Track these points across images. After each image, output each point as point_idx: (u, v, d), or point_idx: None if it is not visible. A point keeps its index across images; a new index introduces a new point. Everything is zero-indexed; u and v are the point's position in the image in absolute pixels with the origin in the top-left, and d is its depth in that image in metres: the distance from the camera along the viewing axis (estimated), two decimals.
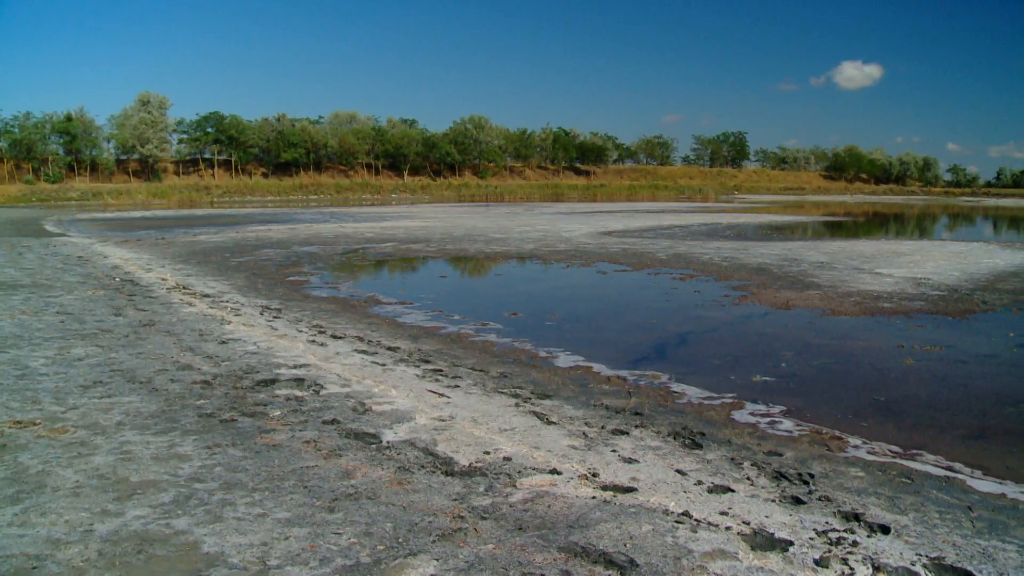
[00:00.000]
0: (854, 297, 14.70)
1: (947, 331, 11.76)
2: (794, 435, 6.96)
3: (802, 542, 4.62)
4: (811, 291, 15.42)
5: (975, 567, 4.40)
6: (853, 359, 9.96)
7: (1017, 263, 21.57)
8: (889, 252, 24.10)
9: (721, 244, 26.24)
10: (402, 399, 7.60)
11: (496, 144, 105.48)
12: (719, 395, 8.22)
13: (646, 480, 5.60)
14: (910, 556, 4.50)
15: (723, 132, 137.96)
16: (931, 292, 15.52)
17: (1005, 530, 4.98)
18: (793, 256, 22.32)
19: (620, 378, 8.90)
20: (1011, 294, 15.55)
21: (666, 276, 17.83)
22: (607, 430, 6.84)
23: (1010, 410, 7.91)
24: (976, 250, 25.47)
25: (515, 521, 4.77)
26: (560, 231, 31.16)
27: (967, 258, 22.65)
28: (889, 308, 13.56)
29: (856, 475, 5.95)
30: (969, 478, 5.99)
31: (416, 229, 31.67)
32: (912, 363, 9.72)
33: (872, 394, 8.40)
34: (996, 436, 7.14)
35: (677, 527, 4.75)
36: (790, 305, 13.81)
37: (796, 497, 5.38)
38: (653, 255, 22.34)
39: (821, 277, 17.62)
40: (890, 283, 16.72)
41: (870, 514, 5.13)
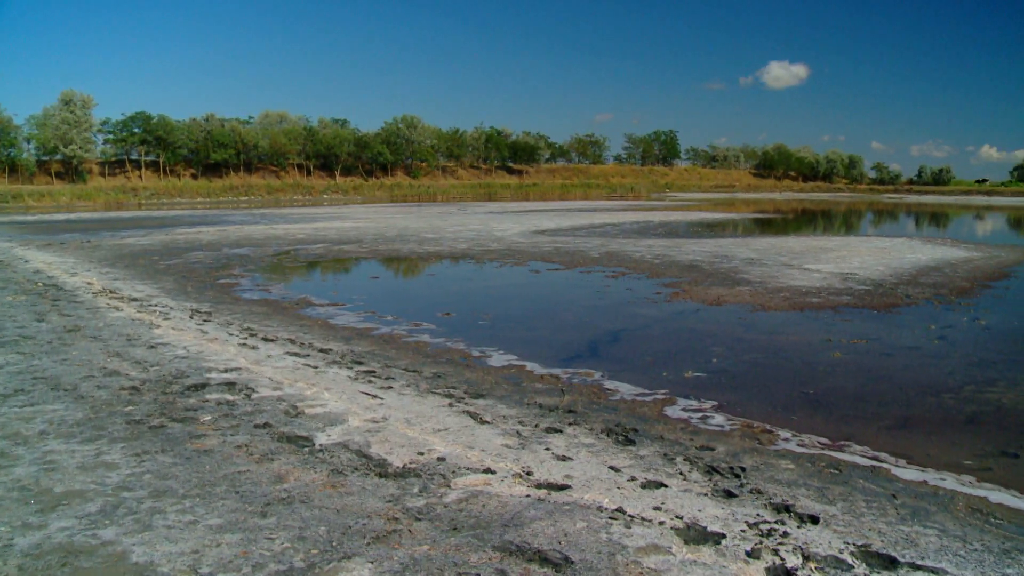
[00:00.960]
0: (783, 293, 15.04)
1: (873, 324, 12.11)
2: (726, 429, 7.10)
3: (734, 534, 4.73)
4: (741, 287, 15.73)
5: (899, 552, 4.56)
6: (783, 353, 10.20)
7: (938, 258, 22.31)
8: (817, 248, 24.68)
9: (653, 242, 26.57)
10: (335, 401, 7.55)
11: (428, 144, 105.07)
12: (652, 391, 8.35)
13: (580, 477, 5.66)
14: (838, 544, 4.64)
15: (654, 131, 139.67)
16: (857, 287, 15.96)
17: (927, 515, 5.17)
18: (724, 253, 22.71)
19: (553, 376, 8.97)
20: (932, 288, 16.08)
21: (598, 274, 18.00)
22: (541, 428, 6.89)
23: (932, 400, 8.19)
24: (900, 245, 26.26)
25: (450, 521, 4.79)
26: (493, 230, 31.22)
27: (891, 253, 23.34)
28: (817, 303, 13.91)
29: (786, 467, 6.10)
30: (894, 467, 6.20)
31: (348, 230, 31.40)
32: (839, 356, 10.00)
33: (801, 387, 8.63)
34: (919, 425, 7.39)
35: (611, 523, 4.82)
36: (721, 301, 14.07)
37: (728, 490, 5.50)
38: (585, 253, 22.53)
39: (751, 273, 17.98)
40: (818, 278, 17.14)
41: (800, 505, 5.27)
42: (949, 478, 6.00)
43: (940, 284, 16.71)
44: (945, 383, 8.85)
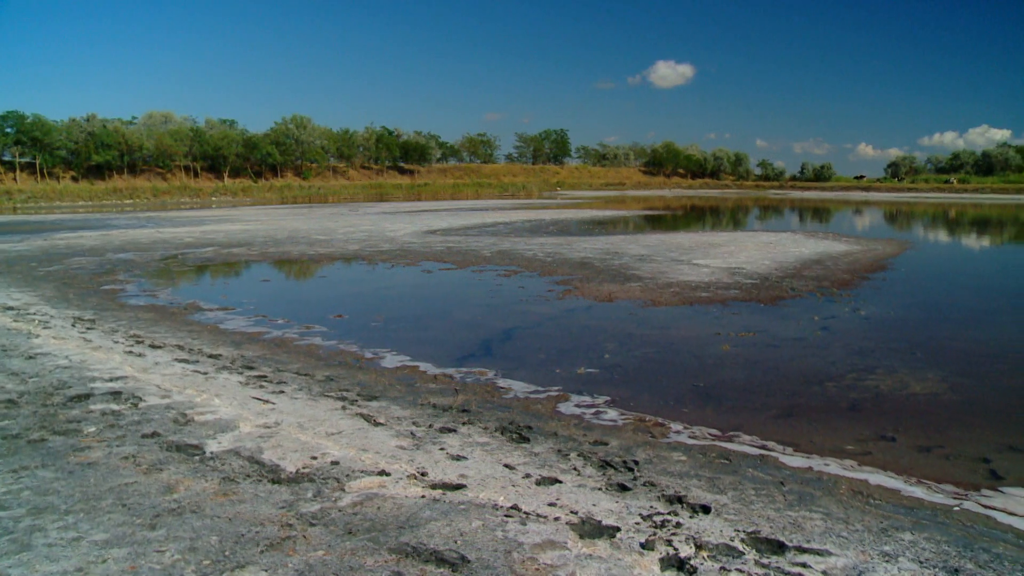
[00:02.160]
0: (673, 288, 15.42)
1: (760, 317, 12.55)
2: (619, 424, 7.25)
3: (628, 527, 4.84)
4: (632, 283, 16.05)
5: (786, 537, 4.75)
6: (673, 347, 10.48)
7: (820, 251, 23.24)
8: (705, 244, 25.37)
9: (545, 240, 26.84)
10: (226, 408, 7.40)
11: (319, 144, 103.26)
12: (545, 388, 8.46)
13: (475, 476, 5.70)
14: (729, 532, 4.81)
15: (545, 130, 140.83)
16: (745, 281, 16.50)
17: (812, 500, 5.41)
18: (615, 250, 23.12)
19: (447, 376, 8.99)
20: (815, 280, 16.76)
21: (491, 273, 18.09)
22: (435, 429, 6.91)
23: (816, 389, 8.55)
24: (784, 240, 27.24)
25: (345, 525, 4.76)
26: (385, 231, 30.98)
27: (776, 248, 24.19)
28: (706, 297, 14.32)
29: (678, 459, 6.27)
30: (781, 455, 6.45)
31: (238, 232, 30.65)
32: (728, 349, 10.33)
33: (692, 380, 8.88)
34: (804, 413, 7.71)
35: (507, 521, 4.87)
36: (612, 298, 14.33)
37: (622, 484, 5.62)
38: (478, 252, 22.60)
39: (642, 269, 18.37)
40: (707, 273, 17.64)
41: (692, 496, 5.43)
42: (833, 463, 6.29)
43: (823, 277, 17.42)
44: (828, 372, 9.25)
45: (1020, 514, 5.39)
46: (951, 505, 5.49)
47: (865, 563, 4.45)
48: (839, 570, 4.36)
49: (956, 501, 5.57)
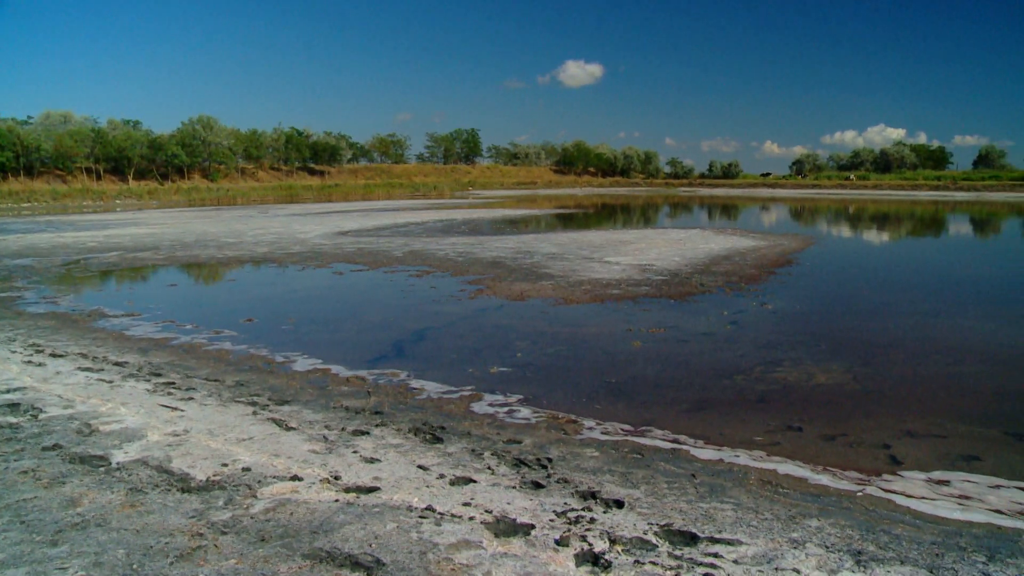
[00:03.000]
0: (585, 285, 15.58)
1: (670, 313, 12.78)
2: (532, 422, 7.30)
3: (543, 524, 4.89)
4: (544, 282, 16.17)
5: (698, 528, 4.86)
6: (585, 345, 10.59)
7: (729, 247, 23.80)
8: (616, 241, 25.71)
9: (457, 240, 26.81)
10: (132, 416, 7.20)
11: (226, 145, 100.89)
12: (458, 388, 8.47)
13: (389, 478, 5.68)
14: (643, 526, 4.89)
15: (456, 129, 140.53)
16: (655, 277, 16.78)
17: (723, 491, 5.54)
18: (526, 249, 23.25)
19: (359, 378, 8.92)
20: (724, 276, 17.16)
21: (403, 274, 17.99)
22: (348, 431, 6.86)
23: (725, 382, 8.76)
24: (694, 237, 27.79)
25: (257, 532, 4.69)
26: (295, 233, 30.50)
27: (686, 244, 24.67)
28: (617, 294, 14.52)
29: (592, 455, 6.35)
30: (692, 448, 6.60)
31: (144, 236, 29.72)
32: (640, 345, 10.49)
33: (604, 377, 8.99)
34: (714, 407, 7.89)
35: (422, 522, 4.86)
36: (524, 296, 14.41)
37: (536, 482, 5.67)
38: (389, 253, 22.45)
39: (553, 268, 18.52)
40: (618, 270, 17.88)
41: (606, 491, 5.50)
42: (743, 454, 6.45)
43: (731, 272, 17.85)
44: (737, 366, 9.48)
45: (917, 496, 5.63)
46: (855, 491, 5.70)
47: (774, 550, 4.58)
48: (749, 559, 4.47)
49: (859, 487, 5.78)
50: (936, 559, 4.55)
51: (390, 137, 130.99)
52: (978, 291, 16.24)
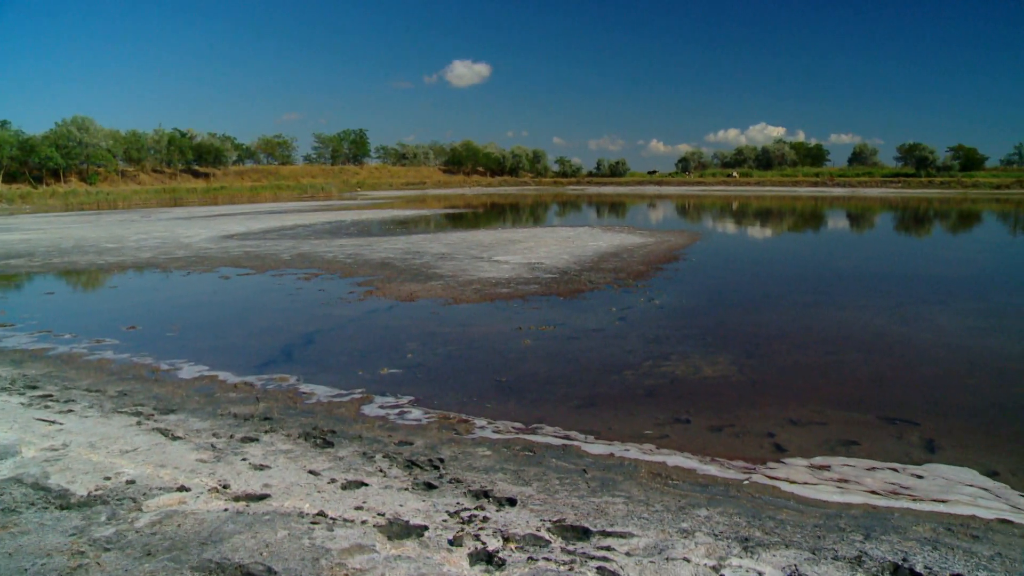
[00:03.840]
0: (475, 285, 15.61)
1: (559, 311, 12.91)
2: (423, 423, 7.28)
3: (436, 525, 4.87)
4: (434, 282, 16.12)
5: (591, 523, 4.93)
6: (476, 344, 10.61)
7: (617, 244, 24.21)
8: (506, 240, 25.83)
9: (345, 241, 26.48)
10: (5, 432, 6.84)
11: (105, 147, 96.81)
12: (348, 391, 8.37)
13: (279, 485, 5.57)
14: (536, 523, 4.92)
15: (344, 130, 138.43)
16: (544, 275, 16.93)
17: (614, 485, 5.63)
18: (416, 249, 23.14)
19: (248, 384, 8.72)
20: (612, 272, 17.44)
21: (291, 277, 17.67)
22: (236, 439, 6.70)
23: (615, 377, 8.90)
24: (582, 234, 28.15)
25: (143, 547, 4.53)
26: (179, 237, 29.55)
27: (575, 242, 24.97)
28: (507, 293, 14.59)
29: (484, 454, 6.37)
30: (583, 443, 6.68)
31: (16, 243, 28.25)
32: (530, 343, 10.57)
33: (495, 376, 9.02)
34: (604, 402, 8.00)
35: (313, 528, 4.79)
36: (414, 297, 14.34)
37: (428, 483, 5.65)
38: (277, 256, 22.02)
39: (443, 268, 18.48)
40: (507, 269, 17.97)
41: (498, 489, 5.52)
42: (633, 448, 6.57)
43: (619, 269, 18.15)
44: (626, 360, 9.64)
45: (800, 482, 5.84)
46: (741, 479, 5.87)
47: (665, 541, 4.67)
48: (641, 550, 4.55)
49: (745, 475, 5.96)
50: (818, 541, 4.74)
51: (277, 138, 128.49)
52: (854, 283, 16.93)
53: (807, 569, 4.36)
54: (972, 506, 5.43)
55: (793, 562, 4.45)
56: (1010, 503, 5.52)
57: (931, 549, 4.67)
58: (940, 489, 5.75)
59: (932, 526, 5.04)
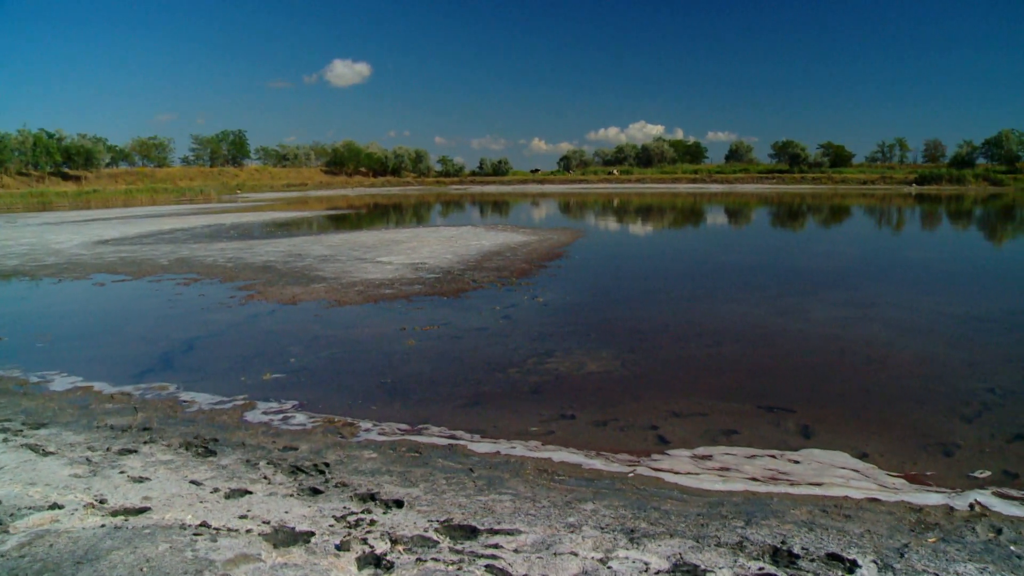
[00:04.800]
0: (358, 286, 15.44)
1: (444, 310, 12.90)
2: (308, 428, 7.16)
3: (323, 531, 4.80)
4: (317, 284, 15.88)
5: (478, 521, 4.94)
6: (360, 346, 10.49)
7: (500, 243, 24.34)
8: (389, 241, 25.65)
9: (225, 245, 25.81)
10: None
11: None
12: (230, 398, 8.17)
13: (159, 497, 5.39)
14: (423, 524, 4.91)
15: (222, 131, 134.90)
16: (428, 275, 16.88)
17: (501, 483, 5.66)
18: (298, 251, 22.75)
19: (125, 394, 8.41)
20: (496, 271, 17.53)
21: (169, 282, 17.10)
22: (113, 451, 6.45)
23: (500, 376, 8.94)
24: (466, 234, 28.20)
25: (10, 572, 4.30)
26: (49, 243, 28.16)
27: (458, 241, 24.99)
28: (391, 294, 14.49)
29: (370, 457, 6.31)
30: (470, 443, 6.69)
31: None
32: (414, 344, 10.52)
33: (379, 377, 8.94)
34: (490, 401, 8.03)
35: (196, 539, 4.65)
36: (296, 300, 14.09)
37: (314, 488, 5.56)
38: (154, 261, 21.27)
39: (326, 270, 18.22)
40: (391, 270, 17.85)
41: (385, 492, 5.48)
42: (519, 446, 6.62)
43: (503, 267, 18.25)
44: (510, 358, 9.70)
45: (683, 472, 6.00)
46: (626, 472, 5.99)
47: (552, 536, 4.72)
48: (529, 546, 4.59)
49: (630, 468, 6.08)
50: (701, 529, 4.87)
51: (152, 139, 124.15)
52: (732, 276, 17.47)
53: (691, 557, 4.48)
54: (845, 487, 5.69)
55: (678, 551, 4.55)
56: (878, 482, 5.81)
57: (807, 531, 4.86)
58: (815, 473, 6.00)
59: (808, 509, 5.26)
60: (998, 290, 15.41)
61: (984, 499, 5.48)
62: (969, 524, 5.04)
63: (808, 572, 4.33)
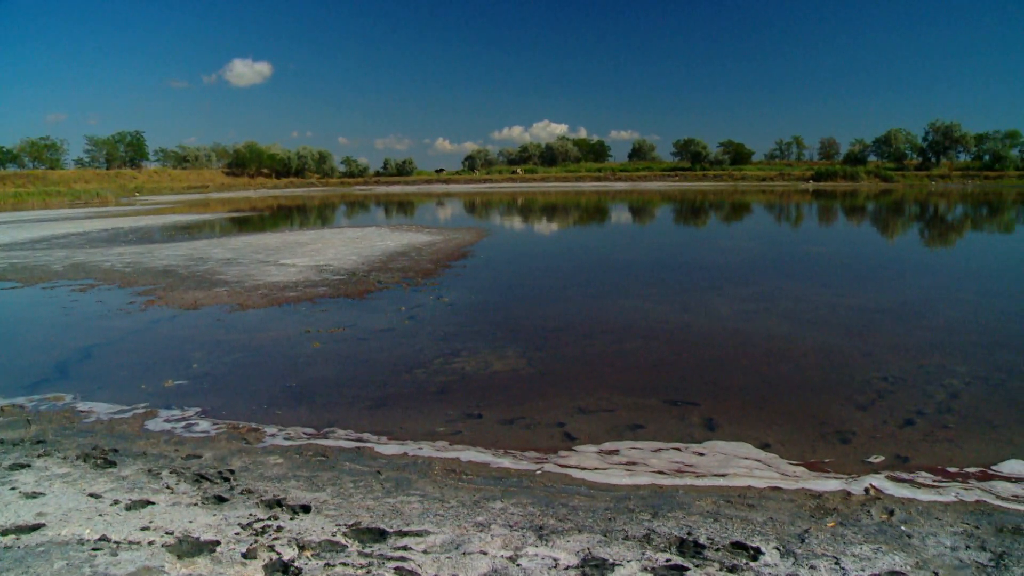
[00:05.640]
0: (261, 290, 15.16)
1: (349, 312, 12.76)
2: (211, 434, 7.00)
3: (228, 539, 4.70)
4: (219, 288, 15.53)
5: (387, 524, 4.91)
6: (264, 350, 10.30)
7: (406, 243, 24.21)
8: (293, 243, 25.25)
9: (124, 249, 25.00)
10: None
11: None
12: (131, 407, 7.91)
13: (55, 512, 5.19)
14: (331, 528, 4.85)
15: (118, 132, 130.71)
16: (333, 277, 16.68)
17: (409, 485, 5.64)
18: (199, 255, 22.20)
19: (16, 407, 8.05)
20: (401, 272, 17.43)
21: (64, 289, 16.46)
22: (4, 467, 6.17)
23: (406, 376, 8.89)
24: (371, 234, 27.95)
25: None
26: None
27: (363, 242, 24.76)
28: (295, 296, 14.27)
29: (275, 462, 6.20)
30: (377, 445, 6.64)
31: None
32: (319, 346, 10.38)
33: (284, 381, 8.79)
34: (397, 402, 7.97)
35: (95, 555, 4.49)
36: (198, 305, 13.75)
37: (219, 496, 5.44)
38: (48, 267, 20.43)
39: (228, 273, 17.83)
40: (295, 272, 17.57)
41: (291, 497, 5.40)
42: (426, 446, 6.60)
43: (408, 268, 18.15)
44: (417, 359, 9.65)
45: (591, 467, 6.07)
46: (534, 469, 6.02)
47: (461, 536, 4.72)
48: (438, 547, 4.58)
49: (538, 465, 6.12)
50: (609, 523, 4.93)
51: (43, 140, 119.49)
52: (636, 273, 17.73)
53: (600, 551, 4.53)
54: (748, 477, 5.83)
55: (586, 546, 4.60)
56: (780, 471, 5.98)
57: (712, 521, 4.97)
58: (720, 464, 6.14)
59: (713, 499, 5.38)
60: (890, 282, 16.01)
61: (878, 483, 5.70)
62: (865, 507, 5.24)
63: (714, 562, 4.43)
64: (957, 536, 4.78)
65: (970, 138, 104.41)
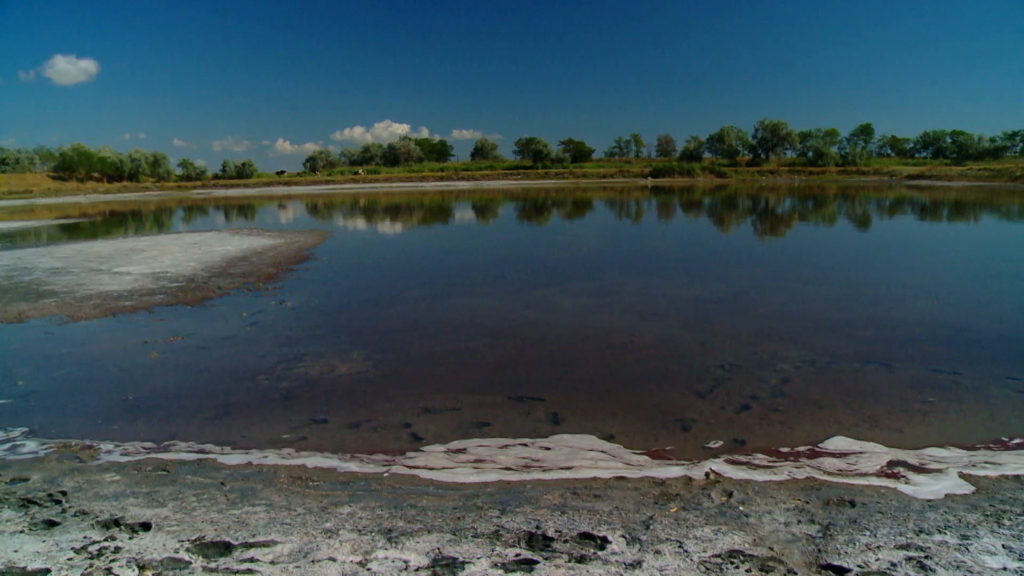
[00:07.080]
0: (94, 300, 14.36)
1: (187, 320, 12.26)
2: (40, 455, 6.56)
3: (60, 565, 4.43)
4: (47, 299, 14.61)
5: (232, 536, 4.74)
6: (98, 363, 9.76)
7: (246, 247, 23.49)
8: (127, 250, 24.05)
9: None
10: None
11: None
12: None
13: None
14: (173, 544, 4.64)
15: None
16: (170, 284, 15.98)
17: (254, 494, 5.47)
18: (24, 265, 20.82)
19: None
20: (242, 277, 16.89)
21: None
22: None
23: (249, 384, 8.62)
24: (210, 239, 26.95)
25: None
26: None
27: (202, 248, 23.85)
28: (130, 306, 13.59)
29: (112, 480, 5.88)
30: (220, 455, 6.40)
31: None
32: (157, 357, 9.92)
33: (120, 395, 8.35)
34: (239, 411, 7.72)
35: None
36: (24, 317, 12.89)
37: (49, 520, 5.11)
38: None
39: (57, 283, 16.80)
40: (130, 281, 16.74)
41: (130, 515, 5.13)
42: (271, 454, 6.41)
43: (249, 273, 17.61)
44: (259, 366, 9.37)
45: (439, 467, 6.06)
46: (382, 472, 5.95)
47: (310, 544, 4.61)
48: (286, 556, 4.46)
49: (385, 468, 6.05)
50: (458, 522, 4.93)
51: None
52: (478, 271, 17.85)
53: (450, 550, 4.52)
54: (594, 469, 5.95)
55: (436, 546, 4.58)
56: (624, 461, 6.13)
57: (560, 514, 5.04)
58: (566, 457, 6.24)
59: (561, 492, 5.45)
60: (725, 273, 16.71)
61: (717, 467, 5.93)
62: (705, 491, 5.44)
63: (562, 553, 4.49)
64: (790, 512, 5.03)
65: (795, 136, 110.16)
